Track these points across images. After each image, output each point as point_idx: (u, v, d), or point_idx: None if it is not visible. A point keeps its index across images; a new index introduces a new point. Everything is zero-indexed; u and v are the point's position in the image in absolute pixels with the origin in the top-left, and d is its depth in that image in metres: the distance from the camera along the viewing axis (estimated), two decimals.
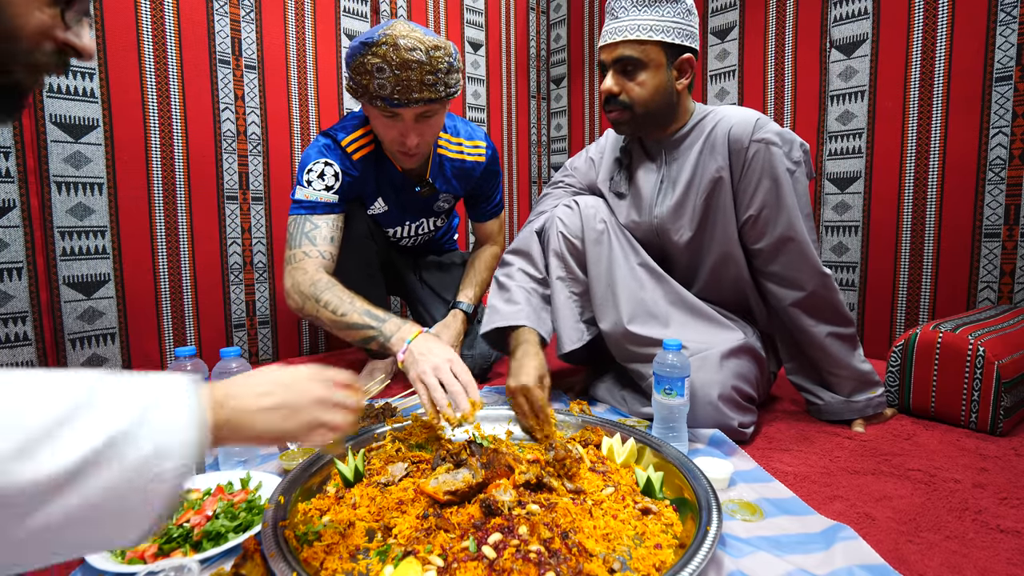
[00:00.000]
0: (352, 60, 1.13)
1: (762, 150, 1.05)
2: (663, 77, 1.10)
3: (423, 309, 1.57)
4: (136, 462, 0.40)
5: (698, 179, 1.13)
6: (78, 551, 0.42)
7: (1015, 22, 1.37)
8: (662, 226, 1.19)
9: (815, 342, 1.11)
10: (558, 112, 2.53)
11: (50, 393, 0.40)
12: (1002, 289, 1.43)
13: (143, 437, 0.41)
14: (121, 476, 0.40)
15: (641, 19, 1.07)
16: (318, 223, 1.25)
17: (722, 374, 1.05)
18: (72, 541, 0.40)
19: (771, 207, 1.06)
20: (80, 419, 0.39)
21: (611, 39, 1.10)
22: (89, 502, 0.39)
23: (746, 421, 1.06)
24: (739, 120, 1.08)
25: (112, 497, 0.40)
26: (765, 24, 1.81)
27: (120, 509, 0.40)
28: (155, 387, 0.45)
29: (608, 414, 1.20)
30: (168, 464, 0.42)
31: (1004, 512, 0.80)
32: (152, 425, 0.42)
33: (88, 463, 0.38)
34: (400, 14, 2.00)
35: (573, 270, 1.21)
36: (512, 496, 0.73)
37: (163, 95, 1.52)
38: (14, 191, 1.32)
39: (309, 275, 1.17)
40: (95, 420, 0.40)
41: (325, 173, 1.25)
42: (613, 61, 1.10)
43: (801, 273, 1.08)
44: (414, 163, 1.30)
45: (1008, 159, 1.40)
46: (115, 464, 0.39)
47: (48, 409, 0.39)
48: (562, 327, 1.20)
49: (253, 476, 0.86)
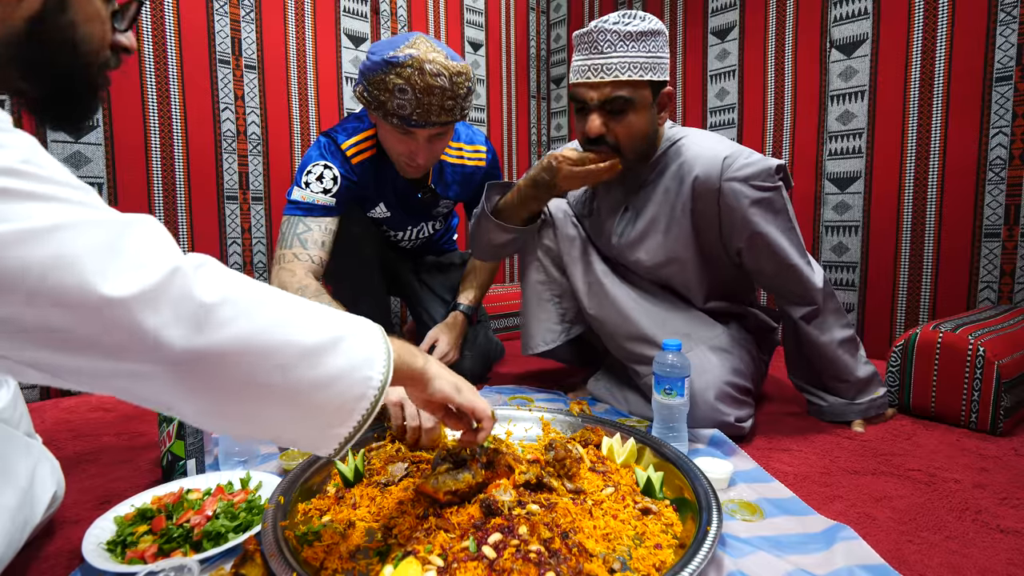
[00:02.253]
0: (372, 75, 1.12)
1: (735, 190, 1.01)
2: (650, 116, 1.04)
3: (422, 309, 1.57)
4: (357, 358, 0.53)
5: (662, 216, 1.11)
6: (299, 430, 0.53)
7: (1015, 22, 1.37)
8: (621, 254, 1.19)
9: (826, 355, 1.11)
10: (558, 112, 2.53)
11: (322, 323, 0.52)
12: (1002, 289, 1.43)
13: (364, 370, 0.53)
14: (347, 363, 0.52)
15: (631, 56, 0.99)
16: (311, 226, 1.24)
17: (715, 371, 1.06)
18: (303, 410, 0.51)
19: (757, 240, 1.05)
20: (338, 347, 0.52)
21: (596, 77, 1.00)
22: (330, 399, 0.51)
23: (743, 415, 1.06)
24: (705, 161, 1.04)
25: (343, 401, 0.52)
26: (765, 24, 1.81)
27: (342, 411, 0.52)
28: (374, 338, 0.57)
29: (608, 414, 1.20)
30: (373, 372, 0.54)
31: (1004, 512, 0.80)
32: (371, 363, 0.54)
33: (337, 378, 0.51)
34: (400, 14, 2.01)
35: (551, 272, 1.23)
36: (512, 496, 0.73)
37: (163, 95, 1.52)
38: None
39: (297, 278, 1.17)
40: (346, 350, 0.52)
41: (324, 176, 1.25)
42: (601, 102, 1.01)
43: (803, 289, 1.10)
44: (419, 174, 1.30)
45: (1008, 159, 1.40)
46: (346, 381, 0.52)
47: (322, 334, 0.51)
48: (535, 328, 1.23)
49: (253, 476, 0.86)
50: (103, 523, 0.74)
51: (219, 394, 0.46)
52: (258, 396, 0.48)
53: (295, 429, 0.53)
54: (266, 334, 0.47)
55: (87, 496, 0.86)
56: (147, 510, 0.75)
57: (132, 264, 0.40)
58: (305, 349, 0.49)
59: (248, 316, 0.46)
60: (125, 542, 0.69)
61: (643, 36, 0.99)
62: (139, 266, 0.41)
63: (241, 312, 0.45)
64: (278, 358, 0.47)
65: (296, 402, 0.50)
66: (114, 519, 0.74)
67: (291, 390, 0.49)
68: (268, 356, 0.47)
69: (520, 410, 1.07)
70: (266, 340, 0.47)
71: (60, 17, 0.51)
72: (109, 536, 0.71)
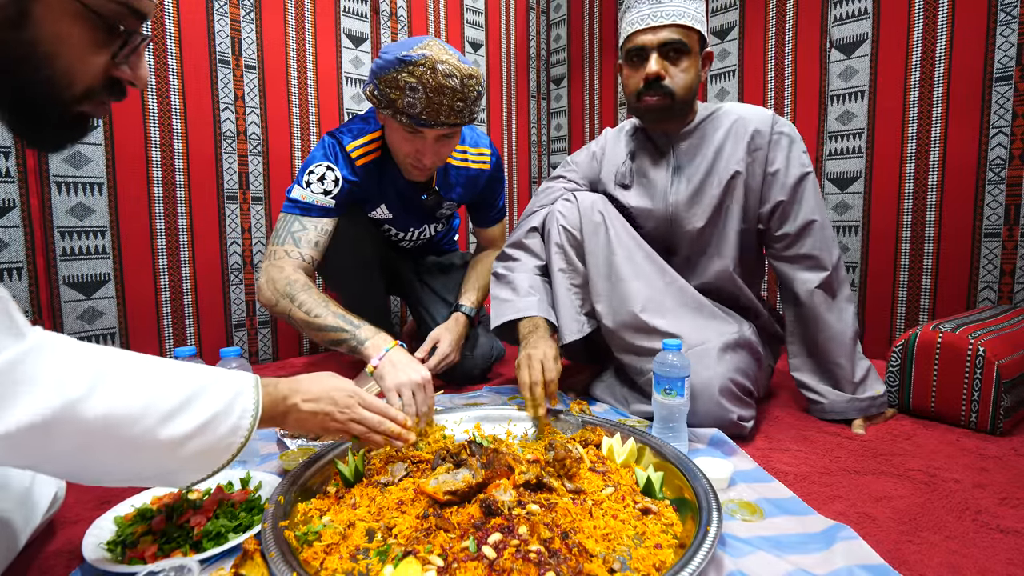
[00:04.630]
0: (384, 73, 1.12)
1: (784, 141, 1.14)
2: (697, 67, 1.13)
3: (423, 310, 1.57)
4: (223, 433, 0.62)
5: (717, 171, 1.18)
6: (168, 482, 0.63)
7: (1015, 22, 1.37)
8: (676, 214, 1.22)
9: (833, 328, 1.14)
10: (558, 112, 2.53)
11: (181, 380, 0.61)
12: (1002, 289, 1.43)
13: (230, 417, 0.63)
14: (213, 440, 0.61)
15: (684, 5, 1.09)
16: (307, 225, 1.25)
17: (721, 367, 1.06)
18: (171, 471, 0.61)
19: (798, 192, 1.14)
20: (199, 400, 0.61)
21: (655, 22, 1.08)
22: (192, 453, 0.60)
23: (745, 415, 1.06)
24: (758, 117, 1.15)
25: (204, 451, 0.61)
26: (765, 24, 1.81)
27: (204, 460, 0.62)
28: (238, 383, 0.66)
29: (608, 414, 1.20)
30: (238, 437, 0.64)
31: (1004, 512, 0.80)
32: (235, 411, 0.64)
33: (200, 430, 0.60)
34: (400, 14, 2.01)
35: (573, 261, 1.23)
36: (512, 496, 0.73)
37: (163, 95, 1.52)
38: (14, 191, 1.32)
39: (286, 273, 1.18)
40: (207, 402, 0.62)
41: (325, 177, 1.25)
42: (660, 44, 1.09)
43: (824, 252, 1.14)
44: (424, 176, 1.30)
45: (1008, 159, 1.40)
46: (210, 433, 0.61)
47: (182, 391, 0.60)
48: (562, 318, 1.21)
49: (253, 476, 0.86)
50: (103, 523, 0.74)
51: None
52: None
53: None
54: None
55: (87, 496, 0.86)
56: (147, 510, 0.75)
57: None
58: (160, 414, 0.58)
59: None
60: (125, 542, 0.69)
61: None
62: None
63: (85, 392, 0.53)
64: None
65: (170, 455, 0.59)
66: (114, 519, 0.74)
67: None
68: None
69: (520, 410, 1.07)
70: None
71: (13, 34, 0.48)
72: (109, 536, 0.71)
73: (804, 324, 1.18)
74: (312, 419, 0.76)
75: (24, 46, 0.49)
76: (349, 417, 0.79)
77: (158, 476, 0.61)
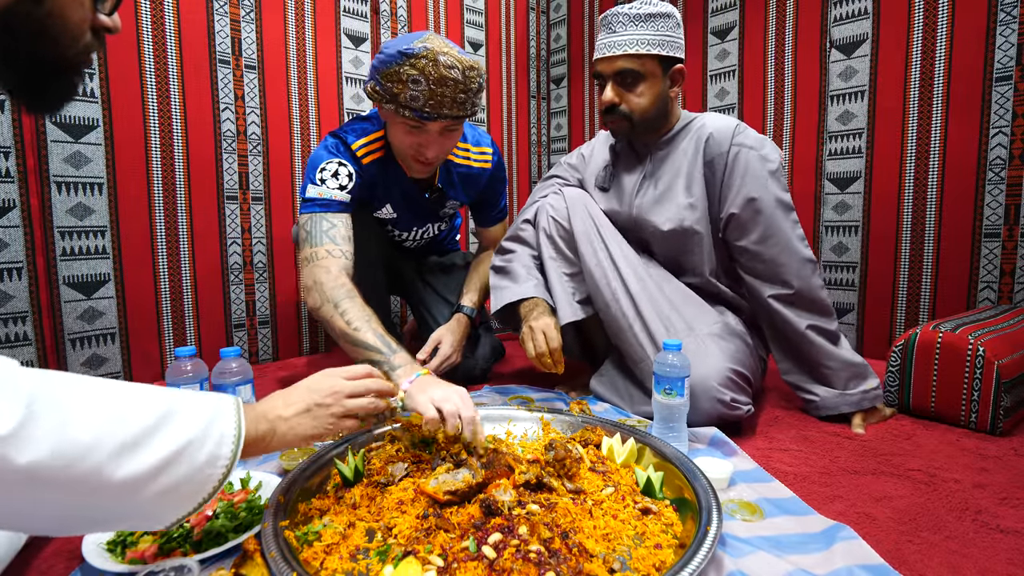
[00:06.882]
0: (386, 68, 1.12)
1: (742, 152, 1.14)
2: (660, 87, 1.18)
3: (425, 310, 1.57)
4: (199, 463, 0.54)
5: (682, 177, 1.22)
6: (136, 525, 0.55)
7: (1015, 22, 1.37)
8: (640, 216, 1.26)
9: (797, 334, 1.14)
10: (558, 112, 2.53)
11: (143, 405, 0.53)
12: (1002, 289, 1.43)
13: (205, 445, 0.55)
14: (188, 472, 0.53)
15: (638, 34, 1.13)
16: (335, 222, 1.22)
17: (716, 355, 1.08)
18: (138, 515, 0.53)
19: (752, 206, 1.14)
20: (165, 428, 0.53)
21: (610, 52, 1.15)
22: (161, 490, 0.52)
23: (741, 399, 1.06)
24: (719, 126, 1.18)
25: (179, 485, 0.53)
26: (765, 24, 1.81)
27: (179, 495, 0.54)
28: (213, 405, 0.59)
29: (608, 414, 1.20)
30: (218, 468, 0.56)
31: (1004, 512, 0.80)
32: (211, 437, 0.56)
33: (167, 462, 0.52)
34: (400, 14, 2.01)
35: (563, 250, 1.28)
36: (512, 496, 0.73)
37: (163, 95, 1.52)
38: (14, 191, 1.32)
39: (333, 276, 1.14)
40: (175, 430, 0.53)
41: (339, 172, 1.24)
42: (613, 74, 1.16)
43: (782, 268, 1.14)
44: (427, 172, 1.30)
45: (1008, 159, 1.40)
46: (185, 464, 0.53)
47: (142, 418, 0.52)
48: (558, 302, 1.26)
49: (253, 476, 0.86)
50: None
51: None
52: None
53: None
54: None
55: None
56: None
57: None
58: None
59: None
60: (125, 542, 0.69)
61: (651, 17, 1.13)
62: None
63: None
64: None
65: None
66: None
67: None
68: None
69: (520, 410, 1.07)
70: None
71: (36, 8, 0.51)
72: (109, 536, 0.71)
73: (778, 334, 1.19)
74: (303, 422, 0.70)
75: (45, 19, 0.52)
76: (342, 411, 0.73)
77: (122, 519, 0.53)
